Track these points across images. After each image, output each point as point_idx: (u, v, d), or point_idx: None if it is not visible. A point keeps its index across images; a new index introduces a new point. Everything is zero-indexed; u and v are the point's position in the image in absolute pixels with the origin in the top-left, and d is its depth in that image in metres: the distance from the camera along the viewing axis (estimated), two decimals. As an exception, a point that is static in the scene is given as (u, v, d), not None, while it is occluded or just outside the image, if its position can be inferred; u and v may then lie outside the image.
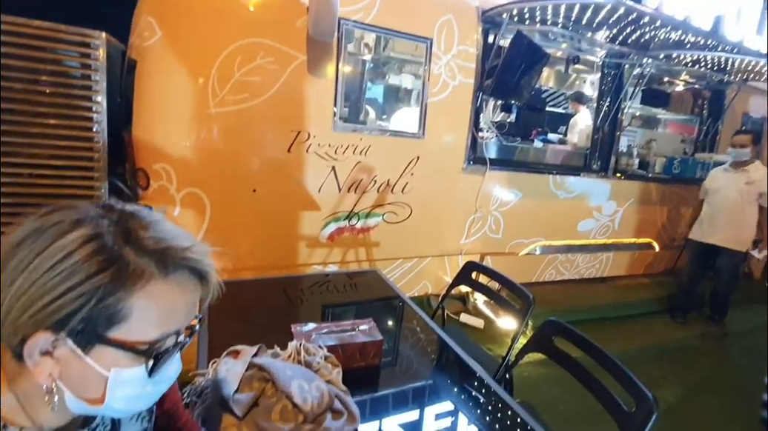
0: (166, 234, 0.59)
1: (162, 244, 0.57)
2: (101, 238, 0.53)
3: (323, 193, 3.14)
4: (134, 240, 0.55)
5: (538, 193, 4.06)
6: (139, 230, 0.57)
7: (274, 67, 2.79)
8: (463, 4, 3.38)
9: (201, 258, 0.60)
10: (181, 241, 0.59)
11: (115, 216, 0.57)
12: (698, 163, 4.77)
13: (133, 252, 0.54)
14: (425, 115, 3.34)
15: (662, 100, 5.06)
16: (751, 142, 3.75)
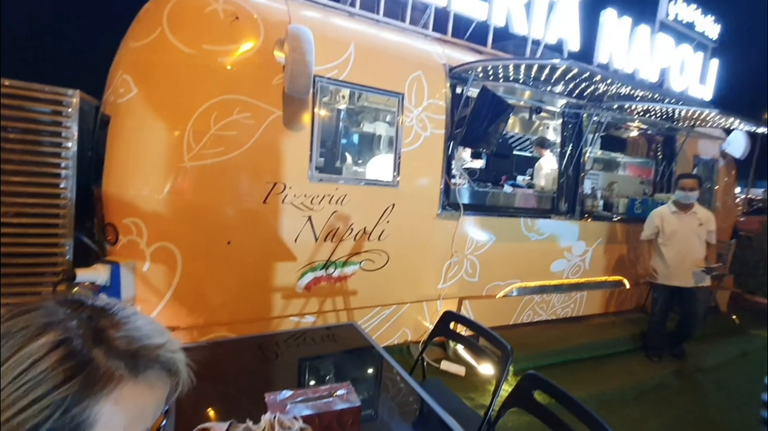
0: (139, 331, 0.58)
1: (134, 345, 0.56)
2: (70, 342, 0.51)
3: (299, 243, 3.13)
4: (105, 341, 0.54)
5: (510, 236, 4.17)
6: (110, 329, 0.55)
7: (250, 122, 2.85)
8: (431, 62, 3.61)
9: (173, 354, 0.59)
10: (154, 339, 0.58)
11: (85, 314, 0.56)
12: (657, 203, 5.05)
13: (104, 354, 0.53)
14: (399, 164, 3.44)
15: (619, 145, 5.42)
16: (698, 185, 4.02)
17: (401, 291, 3.69)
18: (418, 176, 3.58)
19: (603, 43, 4.70)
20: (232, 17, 2.84)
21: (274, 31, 2.91)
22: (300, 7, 3.22)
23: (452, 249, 3.82)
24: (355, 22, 3.48)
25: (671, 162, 5.50)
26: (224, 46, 2.81)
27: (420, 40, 3.76)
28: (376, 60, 3.34)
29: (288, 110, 2.95)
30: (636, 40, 4.91)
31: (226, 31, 2.82)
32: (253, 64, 2.87)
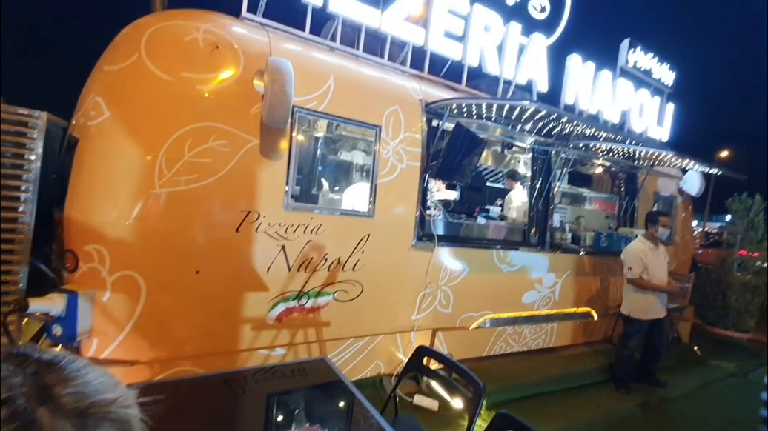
0: (89, 387, 0.55)
1: (83, 402, 0.53)
2: (13, 402, 0.48)
3: (272, 273, 3.07)
4: (51, 398, 0.51)
5: (483, 267, 4.23)
6: (57, 386, 0.52)
7: (226, 150, 2.83)
8: (408, 97, 3.72)
9: (126, 410, 0.56)
10: (105, 395, 0.55)
11: (31, 369, 0.52)
12: (621, 237, 5.28)
13: (49, 413, 0.49)
14: (375, 195, 3.47)
15: (586, 181, 5.68)
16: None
17: (375, 323, 3.65)
18: (394, 207, 3.62)
19: (569, 85, 5.00)
20: (213, 47, 2.86)
21: (255, 62, 2.94)
22: (281, 39, 3.29)
23: (426, 280, 3.84)
24: (335, 56, 3.57)
25: (633, 198, 5.80)
26: (203, 74, 2.82)
27: (398, 75, 3.89)
28: (354, 93, 3.42)
29: (265, 139, 2.95)
30: (599, 83, 5.24)
31: (206, 60, 2.84)
32: (231, 92, 2.88)
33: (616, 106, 5.52)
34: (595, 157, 5.24)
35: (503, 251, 4.35)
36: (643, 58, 5.94)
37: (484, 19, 4.40)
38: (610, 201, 6.16)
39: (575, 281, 5.04)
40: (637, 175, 5.82)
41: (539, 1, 5.23)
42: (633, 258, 4.20)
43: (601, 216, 5.82)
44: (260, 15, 3.50)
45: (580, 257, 5.04)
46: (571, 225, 5.28)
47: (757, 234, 6.50)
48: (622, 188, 5.96)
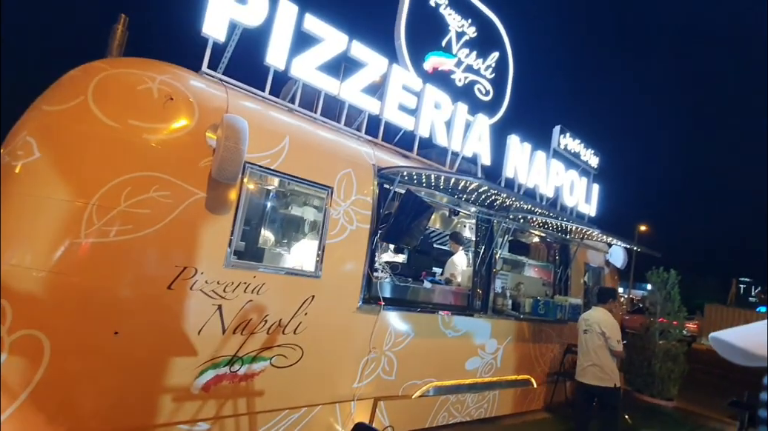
0: None
1: None
2: None
3: (204, 336, 2.83)
4: None
5: (428, 332, 4.21)
6: None
7: (168, 201, 2.71)
8: (361, 161, 3.85)
9: None
10: None
11: None
12: (557, 304, 5.55)
13: None
14: (323, 255, 3.43)
15: (524, 250, 6.02)
16: None
17: (314, 392, 3.42)
18: (341, 268, 3.58)
19: (509, 161, 5.47)
20: (167, 98, 2.83)
21: (210, 116, 2.94)
22: (240, 96, 3.34)
23: (371, 344, 3.72)
24: (292, 117, 3.66)
25: (567, 267, 6.20)
26: (153, 123, 2.75)
27: (353, 140, 4.04)
28: (309, 154, 3.48)
29: (212, 193, 2.87)
30: (535, 162, 5.79)
31: (158, 110, 2.79)
32: (181, 144, 2.82)
33: (550, 183, 6.07)
34: (533, 228, 5.62)
35: (448, 316, 4.37)
36: (572, 143, 6.70)
37: (434, 96, 4.80)
38: (547, 269, 6.53)
39: (516, 347, 5.13)
40: (570, 247, 6.29)
41: (484, 86, 5.83)
42: (616, 329, 4.08)
43: (538, 284, 6.12)
44: (221, 71, 3.57)
45: (519, 323, 5.18)
46: (511, 291, 5.49)
47: (674, 305, 7.11)
48: (557, 257, 6.38)
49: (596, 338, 4.06)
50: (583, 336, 4.21)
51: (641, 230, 27.61)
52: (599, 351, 4.03)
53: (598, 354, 4.03)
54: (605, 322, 4.08)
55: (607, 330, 4.03)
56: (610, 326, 4.06)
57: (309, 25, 3.87)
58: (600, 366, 4.00)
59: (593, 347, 4.07)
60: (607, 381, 3.99)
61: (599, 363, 4.01)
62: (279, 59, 3.69)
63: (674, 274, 7.24)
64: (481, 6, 5.84)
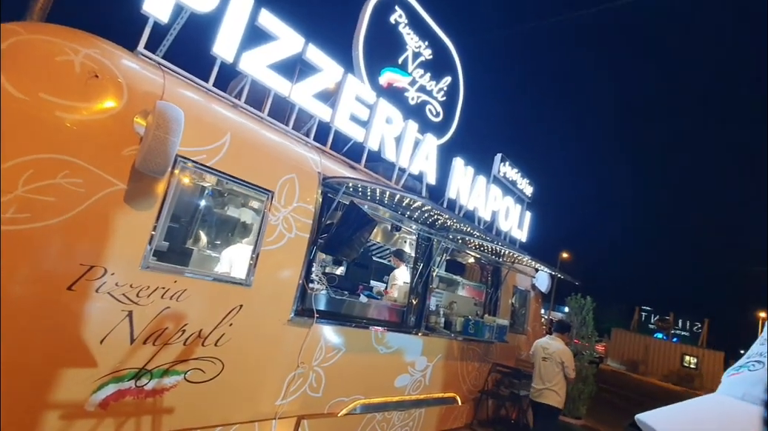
0: None
1: None
2: None
3: (107, 345, 2.50)
4: None
5: (360, 348, 4.12)
6: None
7: (79, 190, 2.38)
8: (307, 167, 3.72)
9: None
10: None
11: None
12: (486, 325, 5.74)
13: None
14: (257, 262, 3.23)
15: (460, 269, 6.20)
16: None
17: (231, 409, 3.16)
18: (275, 277, 3.39)
19: (453, 183, 5.63)
20: (91, 74, 2.52)
21: (141, 101, 2.66)
22: (179, 84, 3.08)
23: (299, 359, 3.55)
24: (237, 114, 3.45)
25: (497, 289, 6.47)
26: (70, 101, 2.42)
27: (300, 145, 3.90)
28: (251, 154, 3.29)
29: (134, 185, 2.58)
30: (476, 185, 6.02)
31: (78, 87, 2.46)
32: (103, 128, 2.51)
33: (488, 207, 6.34)
34: (470, 250, 5.81)
35: (381, 332, 4.32)
36: (510, 171, 7.09)
37: (387, 111, 4.82)
38: (479, 289, 6.77)
39: (445, 365, 5.21)
40: (501, 269, 6.58)
41: (435, 107, 5.99)
42: (572, 360, 4.65)
43: (470, 303, 6.30)
44: (160, 54, 3.28)
45: (450, 341, 5.28)
46: (445, 309, 5.59)
47: (588, 329, 7.71)
48: (489, 279, 6.64)
49: (555, 366, 4.62)
50: (542, 363, 4.74)
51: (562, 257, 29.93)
52: (557, 377, 4.60)
53: (556, 380, 4.60)
54: (565, 353, 4.67)
55: (565, 360, 4.61)
56: (567, 357, 4.65)
57: (264, 21, 3.71)
58: (556, 391, 4.59)
59: (552, 373, 4.63)
60: (560, 403, 4.61)
61: (556, 388, 4.59)
62: (228, 51, 3.48)
63: (590, 301, 7.86)
64: (439, 31, 6.04)
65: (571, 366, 4.61)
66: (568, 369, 4.58)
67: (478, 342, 5.72)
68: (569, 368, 4.58)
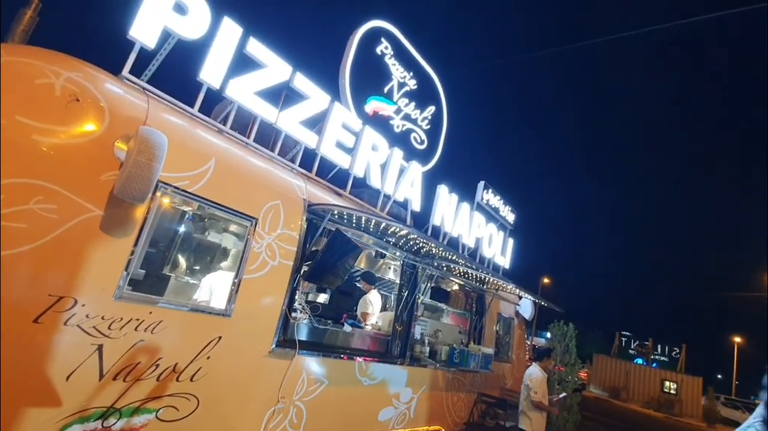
0: None
1: None
2: None
3: (73, 382, 2.33)
4: None
5: (343, 380, 3.98)
6: None
7: (51, 216, 2.28)
8: (292, 194, 3.68)
9: None
10: None
11: None
12: (471, 354, 5.66)
13: None
14: (237, 291, 3.12)
15: (445, 297, 6.15)
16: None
17: (205, 449, 2.97)
18: (257, 307, 3.28)
19: (437, 210, 5.66)
20: (72, 98, 2.46)
21: (123, 125, 2.60)
22: (163, 109, 3.03)
23: (279, 393, 3.40)
24: (221, 139, 3.41)
25: (482, 316, 6.43)
26: (48, 124, 2.35)
27: (285, 171, 3.87)
28: (235, 180, 3.24)
29: (112, 211, 2.49)
30: (460, 213, 6.07)
31: (58, 110, 2.40)
32: (81, 152, 2.43)
33: (472, 234, 6.38)
34: (454, 277, 5.79)
35: (366, 363, 4.20)
36: (493, 199, 7.19)
37: (372, 139, 4.86)
38: (464, 317, 6.72)
39: (430, 396, 5.08)
40: (486, 296, 6.56)
41: (419, 135, 6.09)
42: (539, 383, 4.57)
43: (455, 331, 6.23)
44: (146, 79, 3.24)
45: (435, 371, 5.17)
46: (429, 338, 5.50)
47: (571, 357, 7.69)
48: (474, 306, 6.61)
49: (525, 390, 4.61)
50: (522, 387, 4.77)
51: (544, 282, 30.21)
52: (526, 400, 4.58)
53: (526, 403, 4.58)
54: (532, 377, 4.62)
55: (531, 383, 4.57)
56: (534, 380, 4.58)
57: (252, 49, 3.74)
58: (526, 412, 4.55)
59: (523, 397, 4.64)
60: (529, 426, 4.51)
61: (526, 410, 4.57)
62: (215, 77, 3.47)
63: (572, 328, 7.88)
64: (423, 62, 6.22)
65: (535, 388, 4.50)
66: (531, 390, 4.51)
67: (464, 372, 5.62)
68: (533, 390, 4.50)
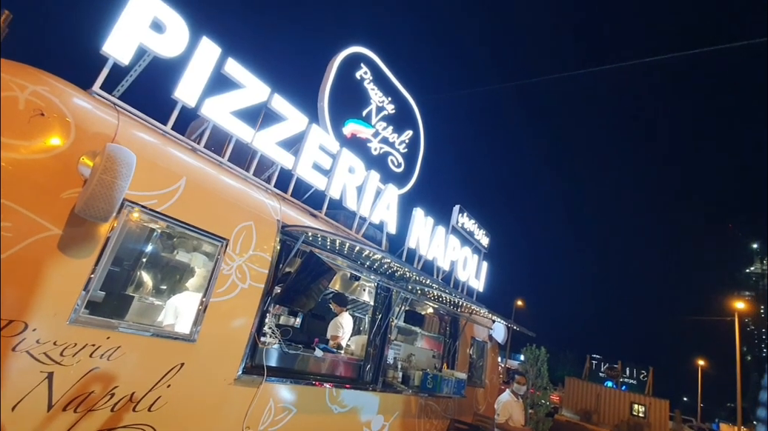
0: None
1: None
2: None
3: (19, 413, 2.16)
4: None
5: (313, 408, 3.85)
6: None
7: (6, 234, 2.16)
8: (265, 215, 3.63)
9: None
10: None
11: None
12: (445, 379, 5.61)
13: None
14: (204, 315, 3.00)
15: (418, 320, 6.12)
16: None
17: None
18: (224, 331, 3.16)
19: (413, 232, 5.70)
20: (36, 112, 2.38)
21: (90, 141, 2.53)
22: (134, 125, 2.96)
23: (244, 423, 3.25)
24: (194, 158, 3.35)
25: (455, 340, 6.42)
26: (8, 138, 2.25)
27: (259, 191, 3.82)
28: (207, 200, 3.17)
29: (71, 230, 2.38)
30: (436, 235, 6.12)
31: (20, 124, 2.31)
32: (42, 168, 2.34)
33: (447, 257, 6.43)
34: (429, 300, 5.79)
35: (336, 389, 4.09)
36: (468, 222, 7.31)
37: (349, 161, 4.89)
38: (438, 341, 6.68)
39: (402, 424, 4.96)
40: (460, 320, 6.57)
41: (396, 158, 6.17)
42: (503, 407, 4.85)
43: (429, 355, 6.18)
44: (118, 94, 3.17)
45: (408, 397, 5.08)
46: (403, 362, 5.42)
47: (543, 381, 7.74)
48: (448, 330, 6.59)
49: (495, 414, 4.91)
50: None
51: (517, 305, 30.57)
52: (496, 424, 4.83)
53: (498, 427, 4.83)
54: (500, 400, 4.93)
55: (497, 406, 4.90)
56: (500, 404, 4.90)
57: (231, 69, 3.73)
58: None
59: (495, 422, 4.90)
60: None
61: None
62: (190, 96, 3.44)
63: (544, 352, 7.97)
64: (401, 88, 6.37)
65: (498, 411, 4.86)
66: (496, 413, 4.87)
67: (437, 398, 5.55)
68: (497, 413, 4.86)
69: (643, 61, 11.78)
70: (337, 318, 5.11)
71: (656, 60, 11.47)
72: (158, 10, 3.25)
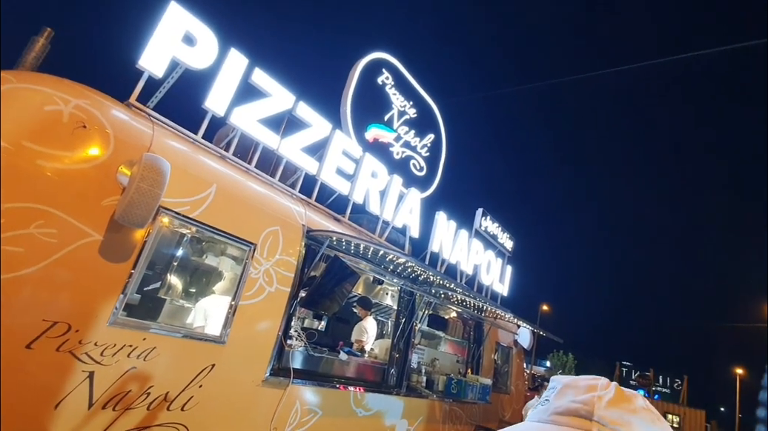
0: None
1: None
2: None
3: (62, 411, 2.28)
4: None
5: (338, 411, 3.89)
6: None
7: (51, 240, 2.29)
8: (291, 220, 3.70)
9: None
10: None
11: None
12: (469, 384, 5.55)
13: None
14: (233, 318, 3.09)
15: (443, 325, 6.08)
16: None
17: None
18: (252, 334, 3.24)
19: (436, 236, 5.68)
20: (79, 125, 2.51)
21: (128, 151, 2.65)
22: (168, 135, 3.09)
23: (272, 424, 3.31)
24: (223, 165, 3.46)
25: (480, 345, 6.34)
26: (54, 149, 2.39)
27: (285, 197, 3.90)
28: (236, 206, 3.26)
29: (111, 236, 2.50)
30: (458, 239, 6.08)
31: (64, 136, 2.45)
32: (84, 177, 2.47)
33: (470, 261, 6.37)
34: (452, 304, 5.75)
35: (361, 393, 4.11)
36: (492, 226, 7.22)
37: (372, 166, 4.93)
38: (461, 345, 6.62)
39: (426, 428, 4.94)
40: (484, 325, 6.49)
41: (419, 162, 6.17)
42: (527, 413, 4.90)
43: (453, 360, 6.13)
44: (152, 105, 3.32)
45: (432, 402, 5.05)
46: (427, 367, 5.40)
47: (570, 388, 7.53)
48: (472, 334, 6.52)
49: None
50: None
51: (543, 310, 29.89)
52: None
53: None
54: (528, 407, 4.93)
55: (525, 413, 4.82)
56: (528, 410, 4.72)
57: (257, 78, 3.84)
58: None
59: None
60: None
61: None
62: (219, 106, 3.56)
63: (572, 358, 7.78)
64: (423, 92, 6.38)
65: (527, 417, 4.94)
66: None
67: (461, 403, 5.49)
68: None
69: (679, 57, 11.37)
70: (361, 322, 5.15)
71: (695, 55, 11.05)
72: (190, 24, 3.38)
